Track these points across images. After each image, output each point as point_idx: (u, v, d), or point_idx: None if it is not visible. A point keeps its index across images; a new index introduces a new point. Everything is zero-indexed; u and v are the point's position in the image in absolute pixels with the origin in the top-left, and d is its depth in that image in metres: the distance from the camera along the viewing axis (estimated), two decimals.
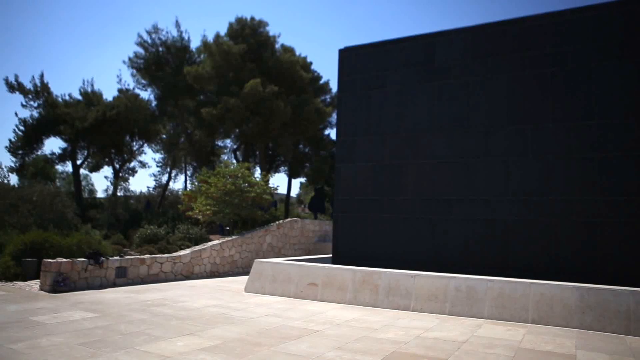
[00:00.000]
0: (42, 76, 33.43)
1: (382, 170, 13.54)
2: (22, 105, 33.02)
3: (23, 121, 33.11)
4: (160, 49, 33.36)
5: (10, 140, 34.21)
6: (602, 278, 10.34)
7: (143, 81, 34.49)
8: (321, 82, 33.89)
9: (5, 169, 28.32)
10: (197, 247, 16.32)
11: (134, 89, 35.26)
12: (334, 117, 32.81)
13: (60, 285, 11.38)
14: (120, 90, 35.04)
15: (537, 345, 7.38)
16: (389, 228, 13.27)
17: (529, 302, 9.34)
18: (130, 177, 48.42)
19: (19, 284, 12.25)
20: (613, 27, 11.20)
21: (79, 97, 34.91)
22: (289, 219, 21.86)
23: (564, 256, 11.15)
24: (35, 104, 33.07)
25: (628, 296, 8.62)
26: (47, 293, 11.14)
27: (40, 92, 32.91)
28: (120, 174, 40.41)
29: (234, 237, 18.02)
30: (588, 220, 10.99)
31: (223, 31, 33.00)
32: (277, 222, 20.67)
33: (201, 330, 7.83)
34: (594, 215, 10.93)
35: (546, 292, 9.27)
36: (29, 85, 32.63)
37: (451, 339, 7.69)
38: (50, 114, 32.49)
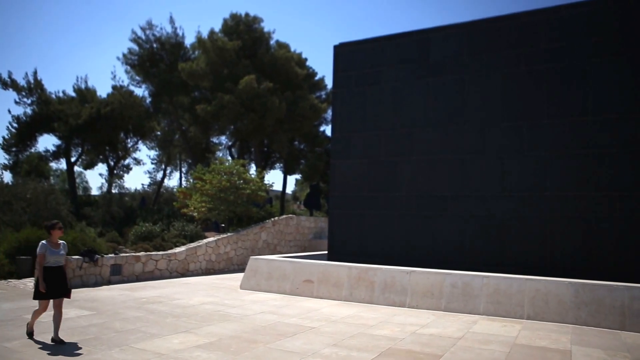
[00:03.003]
0: (35, 73, 33.28)
1: (378, 167, 13.52)
2: (16, 102, 32.85)
3: (16, 118, 32.91)
4: (155, 45, 33.18)
5: (3, 137, 34.03)
6: (597, 274, 10.37)
7: (137, 78, 34.32)
8: (316, 78, 33.83)
9: None
10: (192, 245, 16.28)
11: (128, 85, 35.13)
12: (329, 114, 32.74)
13: None
14: (114, 87, 34.87)
15: (533, 341, 7.41)
16: (384, 224, 13.26)
17: (524, 298, 9.37)
18: (125, 175, 48.32)
19: (13, 282, 12.18)
20: (607, 23, 11.21)
21: (73, 94, 34.74)
22: (284, 216, 21.84)
23: (559, 252, 11.18)
24: (29, 101, 32.89)
25: (623, 292, 8.67)
26: None
27: (34, 89, 32.70)
28: (115, 171, 40.28)
29: (229, 234, 17.98)
30: (583, 217, 11.02)
31: (217, 27, 32.85)
32: (272, 219, 20.64)
33: (197, 327, 7.80)
34: (589, 211, 10.96)
35: (541, 288, 9.30)
36: (22, 82, 32.45)
37: (447, 335, 7.70)
38: (44, 110, 32.30)
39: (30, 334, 6.90)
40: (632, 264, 10.43)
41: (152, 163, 43.56)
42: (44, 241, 6.86)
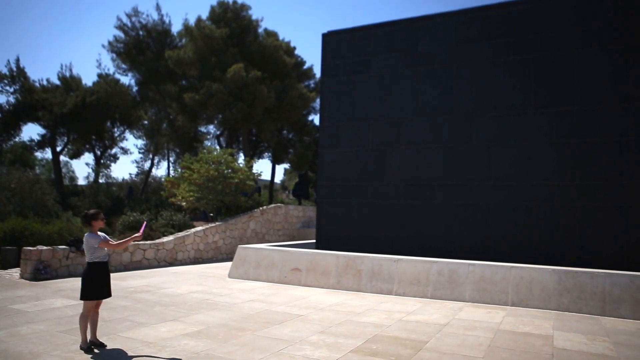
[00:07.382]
0: (17, 61, 32.77)
1: (366, 156, 13.57)
2: None
3: None
4: (141, 32, 32.75)
5: None
6: (581, 262, 10.57)
7: (123, 66, 33.89)
8: (305, 67, 33.66)
9: None
10: (180, 234, 16.24)
11: (114, 74, 34.77)
12: (317, 103, 32.70)
13: (41, 273, 11.25)
14: (100, 75, 34.45)
15: (516, 327, 7.55)
16: (372, 213, 13.35)
17: (508, 286, 9.52)
18: (112, 164, 47.90)
19: None
20: (596, 14, 11.29)
21: (57, 82, 34.26)
22: (272, 205, 21.85)
23: (544, 240, 11.36)
24: (12, 90, 32.40)
25: (604, 278, 8.84)
26: (27, 281, 11.00)
27: (17, 77, 32.19)
28: (102, 161, 39.89)
29: (217, 223, 17.96)
30: (568, 205, 11.18)
31: (205, 15, 32.47)
32: (261, 208, 20.64)
33: (185, 316, 7.82)
34: (574, 200, 11.12)
35: (525, 275, 9.46)
36: (4, 70, 31.97)
37: (433, 322, 7.82)
38: (28, 99, 31.83)
39: (88, 349, 5.76)
40: (616, 251, 10.63)
41: (139, 152, 43.30)
42: (88, 233, 5.89)
